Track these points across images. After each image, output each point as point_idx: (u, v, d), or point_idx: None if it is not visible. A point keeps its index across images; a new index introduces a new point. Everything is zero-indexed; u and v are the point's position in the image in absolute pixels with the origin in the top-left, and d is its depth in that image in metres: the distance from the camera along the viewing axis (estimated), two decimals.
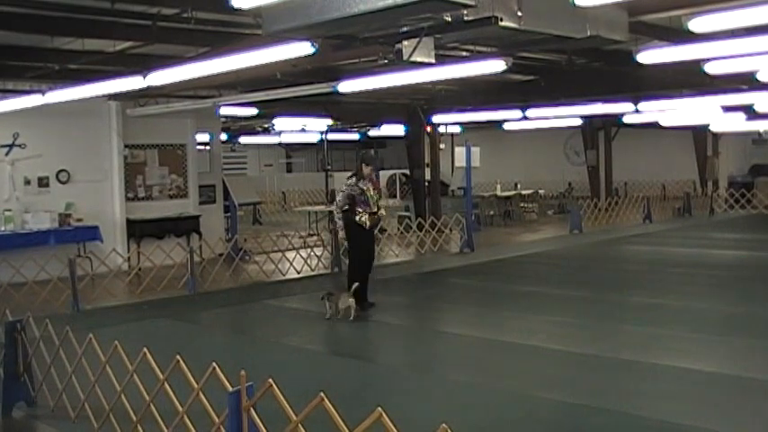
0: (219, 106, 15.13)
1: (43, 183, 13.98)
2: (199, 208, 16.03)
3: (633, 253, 15.95)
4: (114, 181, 14.75)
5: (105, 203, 14.61)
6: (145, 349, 5.06)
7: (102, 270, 12.76)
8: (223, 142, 21.87)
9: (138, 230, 14.69)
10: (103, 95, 12.98)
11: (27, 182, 13.80)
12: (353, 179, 9.81)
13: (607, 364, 7.27)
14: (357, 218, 9.76)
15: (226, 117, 19.25)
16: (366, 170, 9.85)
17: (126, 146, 14.95)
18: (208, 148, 17.50)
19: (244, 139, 30.50)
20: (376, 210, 9.93)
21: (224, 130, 21.91)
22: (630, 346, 7.89)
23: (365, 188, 9.83)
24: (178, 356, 4.74)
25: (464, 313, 10.19)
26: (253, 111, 17.05)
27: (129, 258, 13.98)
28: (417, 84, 11.86)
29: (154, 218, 14.97)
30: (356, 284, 9.58)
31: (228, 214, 17.46)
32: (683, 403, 6.04)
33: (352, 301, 9.53)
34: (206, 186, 16.62)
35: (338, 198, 9.90)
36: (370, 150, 16.54)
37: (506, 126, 25.11)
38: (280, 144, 35.40)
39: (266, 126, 25.80)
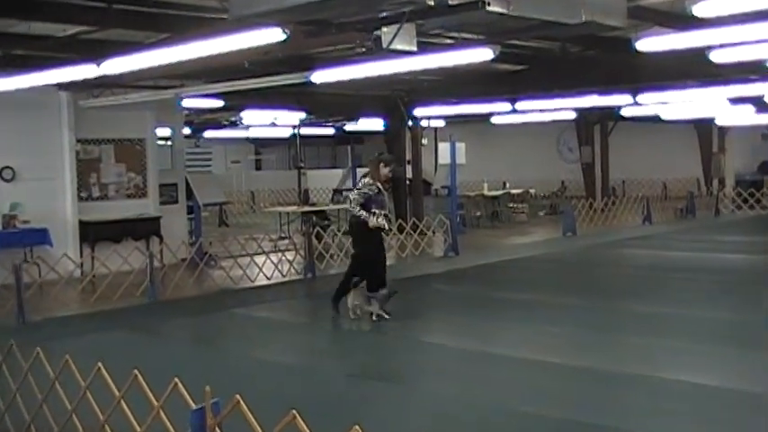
0: (182, 98, 15.06)
1: None
2: (159, 208, 15.94)
3: (631, 257, 16.04)
4: (65, 179, 14.62)
5: (55, 204, 14.47)
6: (99, 364, 5.01)
7: (51, 277, 12.64)
8: (186, 137, 21.82)
9: (92, 233, 14.57)
10: (53, 85, 12.88)
11: None
12: (369, 179, 10.06)
13: (602, 377, 7.29)
14: (374, 219, 9.92)
15: (189, 109, 19.17)
16: (384, 171, 10.14)
17: (78, 141, 14.82)
18: (169, 143, 17.41)
19: (209, 134, 30.42)
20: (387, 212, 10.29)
21: (187, 123, 21.81)
22: (628, 357, 7.92)
23: (382, 188, 10.16)
24: (136, 371, 4.70)
25: (448, 322, 10.20)
26: (218, 103, 16.98)
27: (81, 264, 13.86)
28: (398, 74, 11.87)
29: (110, 219, 14.84)
30: (355, 278, 9.92)
31: (192, 215, 17.38)
32: (684, 421, 6.06)
33: (352, 297, 9.88)
34: (167, 185, 16.53)
35: (353, 196, 10.09)
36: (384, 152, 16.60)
37: (494, 120, 25.19)
38: (248, 139, 35.36)
39: (233, 119, 25.73)
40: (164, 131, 16.99)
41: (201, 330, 10.40)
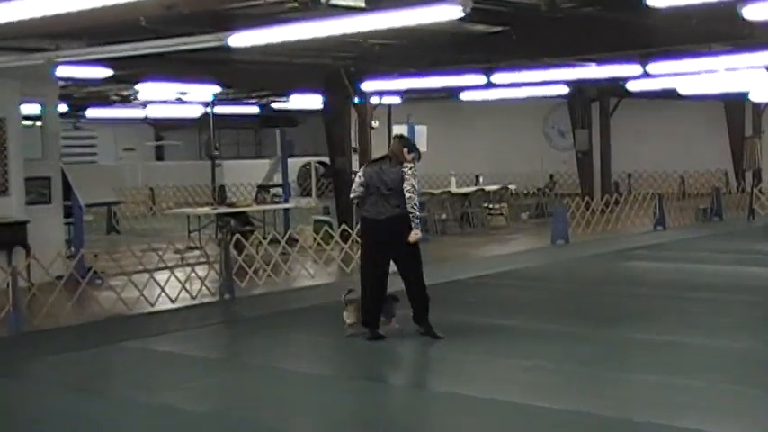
0: (57, 64, 14.88)
1: None
2: (26, 210, 15.73)
3: (640, 272, 16.21)
4: None
5: None
6: None
7: None
8: (62, 116, 21.55)
9: None
10: None
11: None
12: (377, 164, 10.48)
13: (606, 426, 7.34)
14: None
15: (66, 80, 18.97)
16: (408, 157, 10.45)
17: None
18: (39, 124, 17.19)
19: (93, 113, 30.15)
20: None
21: (63, 98, 21.57)
22: (637, 401, 7.98)
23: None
24: None
25: (407, 357, 10.20)
26: (106, 72, 16.82)
27: None
28: (341, 37, 11.85)
29: None
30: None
31: (71, 220, 17.20)
32: None
33: (347, 315, 10.58)
34: (36, 179, 16.31)
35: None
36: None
37: (464, 96, 25.31)
38: (146, 120, 35.12)
39: (126, 94, 25.54)
40: (31, 108, 16.77)
41: (82, 371, 10.26)
